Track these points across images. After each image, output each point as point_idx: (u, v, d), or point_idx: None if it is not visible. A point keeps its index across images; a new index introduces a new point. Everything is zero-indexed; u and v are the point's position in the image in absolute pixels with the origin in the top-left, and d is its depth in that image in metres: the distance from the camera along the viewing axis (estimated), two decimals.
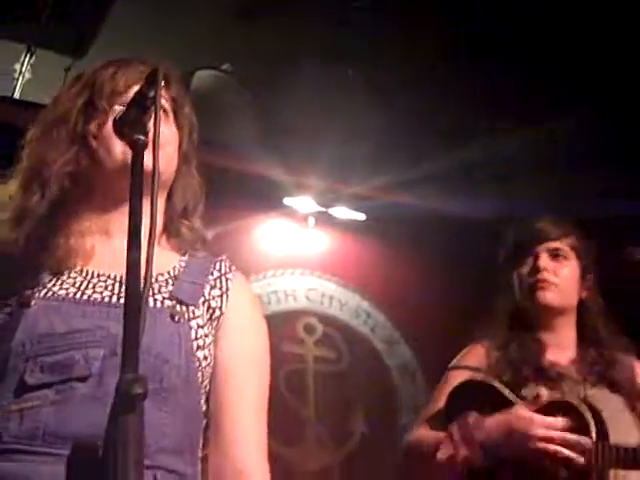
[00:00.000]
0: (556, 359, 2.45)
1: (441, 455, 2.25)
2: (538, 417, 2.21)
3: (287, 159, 4.76)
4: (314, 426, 5.04)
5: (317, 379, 5.12)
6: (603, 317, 2.54)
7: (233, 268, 1.72)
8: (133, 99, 1.39)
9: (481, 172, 4.71)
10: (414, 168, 4.66)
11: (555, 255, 2.54)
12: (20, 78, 3.91)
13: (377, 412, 5.23)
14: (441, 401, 2.43)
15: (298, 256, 5.37)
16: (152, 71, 1.34)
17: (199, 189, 1.73)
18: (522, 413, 2.23)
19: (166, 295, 1.57)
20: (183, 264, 1.66)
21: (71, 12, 3.63)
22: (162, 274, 1.61)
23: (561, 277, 2.51)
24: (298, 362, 5.19)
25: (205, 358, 1.57)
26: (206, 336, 1.58)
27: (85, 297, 1.52)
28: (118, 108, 1.58)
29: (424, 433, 2.43)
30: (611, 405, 2.32)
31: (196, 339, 1.56)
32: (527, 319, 2.53)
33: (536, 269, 2.51)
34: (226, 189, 4.72)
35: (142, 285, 1.13)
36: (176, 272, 1.64)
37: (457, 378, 2.46)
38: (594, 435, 2.20)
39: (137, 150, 1.32)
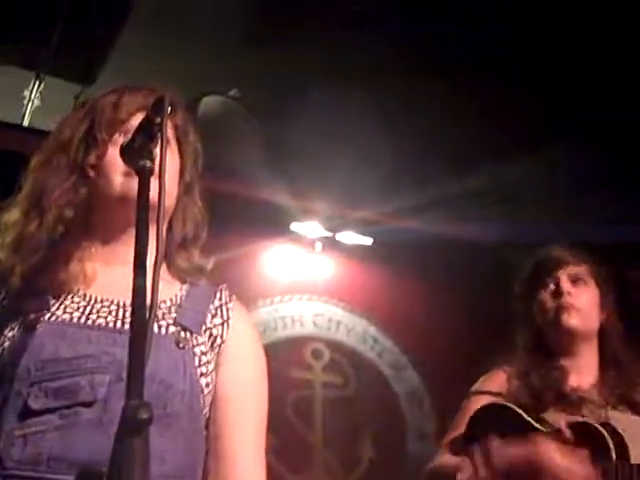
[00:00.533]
0: (578, 384, 2.44)
1: (461, 477, 2.23)
2: (559, 457, 2.18)
3: (294, 185, 4.78)
4: (322, 452, 5.01)
5: (325, 405, 5.10)
6: (623, 341, 2.53)
7: (233, 297, 1.73)
8: (140, 126, 1.39)
9: (487, 197, 4.71)
10: (421, 193, 4.67)
11: (575, 280, 2.53)
12: (29, 105, 3.94)
13: (385, 438, 5.20)
14: (462, 427, 2.41)
15: (305, 281, 5.37)
16: (158, 98, 1.35)
17: (201, 218, 1.74)
18: (544, 448, 2.20)
19: (170, 322, 1.58)
20: (184, 292, 1.67)
21: (80, 39, 3.66)
22: (164, 301, 1.62)
23: (582, 302, 2.51)
24: (306, 388, 5.17)
25: (207, 385, 1.58)
26: (209, 363, 1.60)
27: (90, 322, 1.52)
28: (119, 138, 1.60)
29: (446, 459, 2.40)
30: (633, 427, 2.29)
31: (200, 366, 1.57)
32: (548, 345, 2.52)
33: (559, 293, 2.50)
34: (233, 215, 4.73)
35: (148, 312, 1.13)
36: (178, 300, 1.65)
37: (478, 403, 2.44)
38: (614, 455, 2.18)
39: (143, 176, 1.32)
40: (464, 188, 4.53)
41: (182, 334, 1.57)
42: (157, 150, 1.34)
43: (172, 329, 1.57)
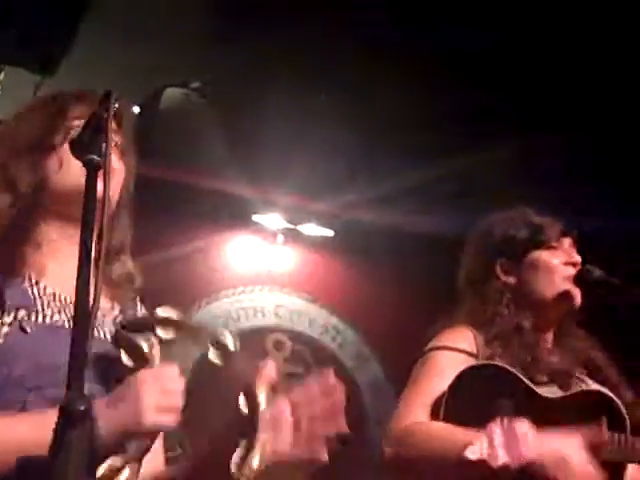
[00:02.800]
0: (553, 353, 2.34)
1: (472, 454, 1.91)
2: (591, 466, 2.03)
3: (256, 176, 4.78)
4: None
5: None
6: (574, 313, 2.42)
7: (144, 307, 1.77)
8: (87, 121, 1.41)
9: (444, 189, 4.74)
10: (381, 185, 4.70)
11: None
12: None
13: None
14: (434, 385, 2.17)
15: (267, 273, 5.39)
16: (106, 93, 1.37)
17: (128, 234, 1.76)
18: (585, 457, 2.02)
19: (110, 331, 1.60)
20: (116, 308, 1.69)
21: (41, 29, 3.63)
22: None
23: None
24: None
25: None
26: None
27: None
28: (76, 127, 1.62)
29: (430, 422, 2.12)
30: None
31: None
32: (533, 308, 2.34)
33: (574, 264, 2.36)
34: (195, 207, 4.75)
35: (90, 304, 1.15)
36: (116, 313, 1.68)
37: (450, 360, 2.21)
38: (628, 425, 2.15)
39: (90, 170, 1.34)
40: (424, 180, 4.56)
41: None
42: (104, 145, 1.35)
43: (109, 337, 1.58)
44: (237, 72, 4.07)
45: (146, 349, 1.45)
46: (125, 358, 1.45)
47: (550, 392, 2.22)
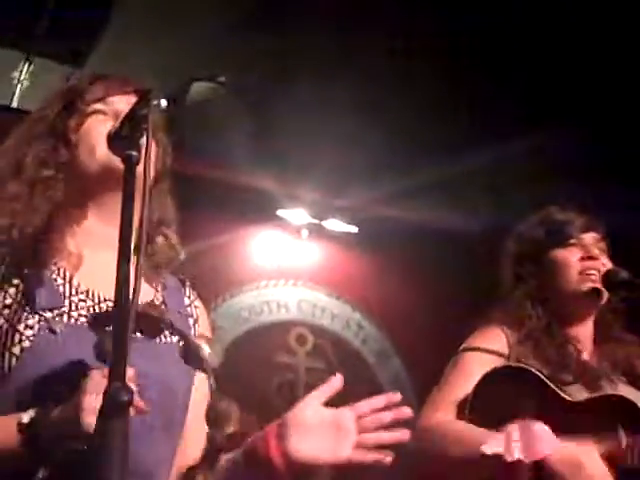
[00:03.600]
0: (583, 354, 2.36)
1: (489, 449, 1.97)
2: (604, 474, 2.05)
3: (281, 171, 4.80)
4: None
5: (308, 389, 5.12)
6: (619, 315, 2.45)
7: (195, 293, 1.76)
8: (126, 116, 1.42)
9: (468, 185, 4.74)
10: (406, 181, 4.69)
11: (598, 248, 2.42)
12: (19, 86, 3.93)
13: None
14: (462, 385, 2.21)
15: (291, 267, 5.41)
16: (146, 91, 1.38)
17: (171, 212, 1.74)
18: (598, 464, 2.05)
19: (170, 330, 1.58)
20: (160, 290, 1.67)
21: (71, 21, 3.65)
22: (153, 299, 1.64)
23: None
24: (290, 372, 5.22)
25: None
26: None
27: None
28: (98, 111, 1.62)
29: (453, 420, 2.18)
30: (638, 400, 2.24)
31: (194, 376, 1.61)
32: (556, 310, 2.37)
33: (590, 257, 2.37)
34: (221, 201, 4.76)
35: (131, 297, 1.16)
36: (161, 299, 1.66)
37: (480, 361, 2.25)
38: None
39: (129, 165, 1.35)
40: (448, 176, 4.56)
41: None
42: (143, 140, 1.36)
43: (174, 338, 1.55)
44: (263, 67, 4.09)
45: (109, 348, 1.41)
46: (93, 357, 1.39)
47: (576, 392, 2.23)
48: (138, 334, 1.41)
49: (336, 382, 1.53)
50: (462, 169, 4.48)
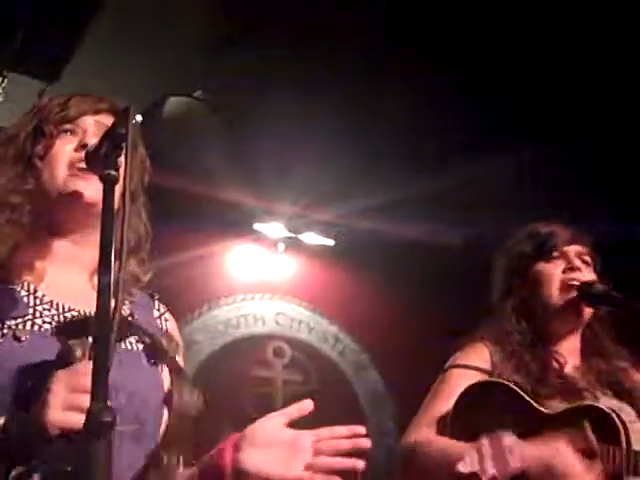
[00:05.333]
0: (567, 368, 2.36)
1: (464, 468, 2.01)
2: (579, 468, 2.05)
3: (257, 185, 4.81)
4: None
5: (285, 402, 5.12)
6: (605, 327, 2.45)
7: (165, 307, 1.78)
8: (105, 134, 1.43)
9: (448, 198, 4.76)
10: (381, 195, 4.71)
11: (582, 260, 2.43)
12: None
13: None
14: (443, 402, 2.25)
15: (267, 281, 5.41)
16: (125, 109, 1.39)
17: (144, 231, 1.75)
18: (570, 460, 2.05)
19: (135, 338, 1.61)
20: (128, 303, 1.69)
21: (45, 36, 3.64)
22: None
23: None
24: (267, 385, 5.21)
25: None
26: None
27: None
28: (66, 135, 1.64)
29: (433, 439, 2.21)
30: (624, 414, 2.23)
31: (164, 380, 1.62)
32: (540, 324, 2.39)
33: (572, 269, 2.38)
34: (197, 214, 4.76)
35: (111, 316, 1.17)
36: (128, 311, 1.68)
37: (462, 378, 2.28)
38: (624, 441, 2.14)
39: (108, 184, 1.36)
40: (425, 190, 4.57)
41: (149, 350, 1.60)
42: (121, 159, 1.37)
43: (140, 346, 1.60)
44: (238, 81, 4.10)
45: (78, 353, 1.42)
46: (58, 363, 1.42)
47: (556, 407, 2.24)
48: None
49: (306, 406, 1.57)
50: (439, 183, 4.50)
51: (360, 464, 1.52)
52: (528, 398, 2.23)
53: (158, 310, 1.76)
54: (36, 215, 1.63)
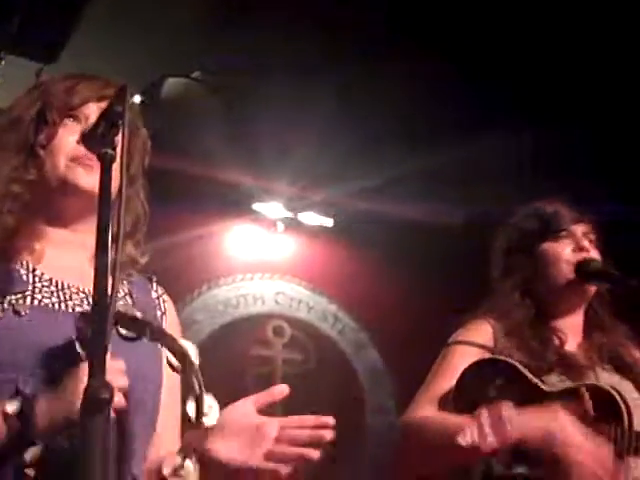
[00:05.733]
0: (569, 344, 2.37)
1: (463, 440, 1.99)
2: (577, 434, 2.06)
3: (256, 165, 4.80)
4: None
5: (285, 381, 5.14)
6: (607, 304, 2.46)
7: (162, 289, 1.80)
8: (102, 114, 1.43)
9: (448, 177, 4.76)
10: (380, 174, 4.72)
11: (588, 239, 2.43)
12: None
13: (344, 413, 5.27)
14: (445, 379, 2.26)
15: (267, 261, 5.42)
16: (121, 87, 1.39)
17: (142, 212, 1.75)
18: (569, 429, 2.06)
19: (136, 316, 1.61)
20: (126, 283, 1.71)
21: (42, 17, 3.63)
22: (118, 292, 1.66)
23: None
24: (266, 364, 5.24)
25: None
26: None
27: (71, 310, 1.56)
28: (70, 123, 1.64)
29: (433, 414, 2.21)
30: (625, 392, 2.24)
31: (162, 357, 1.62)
32: (543, 302, 2.40)
33: (581, 248, 2.38)
34: (195, 195, 4.77)
35: (109, 293, 1.18)
36: (127, 290, 1.70)
37: (464, 355, 2.29)
38: (626, 421, 2.15)
39: (105, 163, 1.37)
40: (425, 168, 4.57)
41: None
42: (118, 138, 1.37)
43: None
44: (237, 62, 4.09)
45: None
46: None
47: (557, 382, 2.26)
48: (122, 332, 1.44)
49: (278, 391, 1.58)
50: (438, 161, 4.49)
51: (314, 454, 1.51)
52: (530, 376, 2.24)
53: (156, 292, 1.77)
54: (37, 203, 1.63)
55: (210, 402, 1.44)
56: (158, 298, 1.76)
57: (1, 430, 1.35)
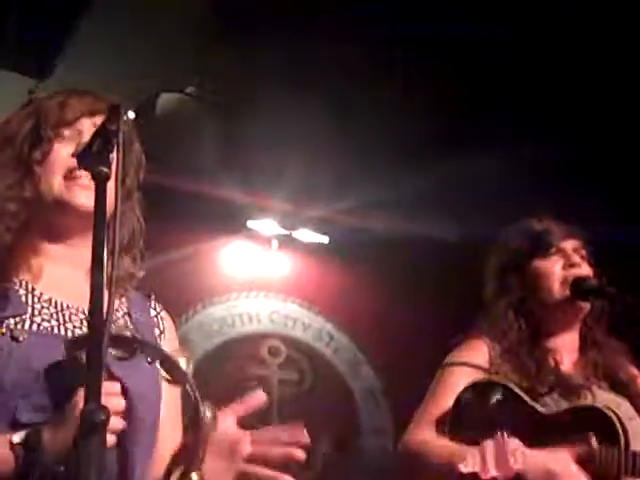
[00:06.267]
0: (564, 364, 2.38)
1: (465, 468, 2.03)
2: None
3: (250, 182, 4.80)
4: None
5: (281, 401, 5.13)
6: (602, 321, 2.46)
7: (161, 306, 1.78)
8: (96, 132, 1.41)
9: (439, 195, 4.76)
10: (375, 192, 4.71)
11: (580, 256, 2.43)
12: None
13: (340, 433, 5.25)
14: (443, 401, 2.27)
15: (262, 279, 5.40)
16: (115, 105, 1.37)
17: (139, 227, 1.74)
18: (570, 468, 2.08)
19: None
20: (124, 301, 1.70)
21: (36, 33, 3.64)
22: (117, 310, 1.65)
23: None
24: (262, 384, 5.20)
25: None
26: None
27: (70, 333, 1.55)
28: (64, 138, 1.63)
29: (432, 438, 2.22)
30: (622, 410, 2.26)
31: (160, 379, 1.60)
32: (537, 321, 2.40)
33: (572, 264, 2.39)
34: (190, 212, 4.75)
35: (105, 316, 1.16)
36: (125, 309, 1.68)
37: (461, 375, 2.30)
38: (623, 442, 2.15)
39: (99, 181, 1.35)
40: (420, 185, 4.57)
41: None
42: (113, 156, 1.36)
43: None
44: (231, 78, 4.09)
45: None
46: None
47: (553, 404, 2.26)
48: (113, 353, 1.42)
49: (255, 400, 1.55)
50: (433, 180, 4.49)
51: (285, 478, 1.50)
52: (526, 397, 2.24)
53: (154, 309, 1.76)
54: (34, 220, 1.63)
55: (209, 410, 1.43)
56: (157, 316, 1.75)
57: (9, 460, 1.35)
